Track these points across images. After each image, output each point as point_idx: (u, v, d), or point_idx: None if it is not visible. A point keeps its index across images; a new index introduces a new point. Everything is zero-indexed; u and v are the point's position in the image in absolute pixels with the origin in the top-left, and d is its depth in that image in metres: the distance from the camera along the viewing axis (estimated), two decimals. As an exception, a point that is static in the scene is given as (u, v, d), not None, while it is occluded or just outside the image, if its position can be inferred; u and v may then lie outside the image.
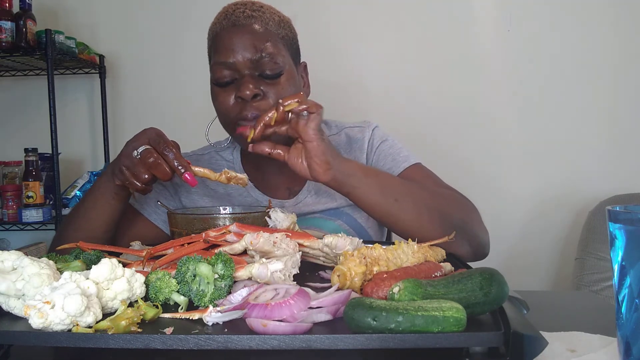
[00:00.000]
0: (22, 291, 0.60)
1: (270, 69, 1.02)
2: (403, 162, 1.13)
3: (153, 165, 0.88)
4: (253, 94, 1.00)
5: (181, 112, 2.44)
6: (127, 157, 0.90)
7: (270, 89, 1.02)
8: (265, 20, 1.05)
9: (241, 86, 1.00)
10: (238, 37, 1.02)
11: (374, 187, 0.94)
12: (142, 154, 0.89)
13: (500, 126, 2.35)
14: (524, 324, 0.53)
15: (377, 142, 1.18)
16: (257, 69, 1.02)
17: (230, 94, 1.03)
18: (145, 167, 0.89)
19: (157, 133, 0.92)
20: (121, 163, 0.91)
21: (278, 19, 1.07)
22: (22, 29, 2.11)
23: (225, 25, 1.04)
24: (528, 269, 2.33)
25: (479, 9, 2.34)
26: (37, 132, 2.44)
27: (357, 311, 0.52)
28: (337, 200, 1.14)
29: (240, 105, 1.02)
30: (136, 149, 0.90)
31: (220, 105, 1.04)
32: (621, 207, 0.53)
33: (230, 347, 0.52)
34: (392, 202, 0.95)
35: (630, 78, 2.29)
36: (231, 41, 1.02)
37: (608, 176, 2.29)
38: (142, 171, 0.89)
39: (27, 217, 2.20)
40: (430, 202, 0.97)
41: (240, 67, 1.01)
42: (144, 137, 0.91)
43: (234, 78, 1.03)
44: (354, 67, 2.37)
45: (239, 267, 0.67)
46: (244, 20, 1.03)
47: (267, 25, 1.04)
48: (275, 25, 1.06)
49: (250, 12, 1.04)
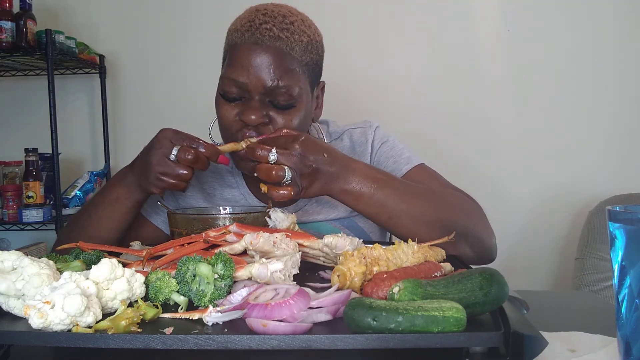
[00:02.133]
0: (22, 291, 0.60)
1: (284, 100, 0.96)
2: (405, 164, 1.11)
3: (193, 160, 0.89)
4: (257, 122, 0.95)
5: (181, 112, 2.44)
6: (162, 164, 0.90)
7: (278, 117, 0.97)
8: (292, 44, 0.96)
9: (247, 110, 0.96)
10: (258, 58, 0.94)
11: (367, 207, 0.91)
12: (179, 155, 0.89)
13: (500, 126, 2.35)
14: (524, 324, 0.53)
15: (378, 144, 1.15)
16: (269, 96, 0.96)
17: (234, 109, 0.98)
18: (186, 166, 0.90)
19: (175, 131, 0.92)
20: (156, 172, 0.90)
21: (306, 41, 0.99)
22: (22, 29, 2.11)
23: (247, 39, 0.96)
24: (528, 269, 2.33)
25: (479, 10, 2.34)
26: (37, 132, 2.44)
27: (357, 311, 0.52)
28: (338, 210, 1.12)
29: (242, 125, 0.98)
30: (166, 155, 0.90)
31: (222, 117, 1.00)
32: (621, 207, 0.53)
33: (230, 347, 0.52)
34: (386, 219, 0.92)
35: (630, 78, 2.29)
36: (249, 60, 0.95)
37: (608, 176, 2.29)
38: (185, 170, 0.90)
39: (27, 217, 2.20)
40: (430, 215, 0.92)
41: (252, 89, 0.95)
42: (166, 140, 0.91)
43: (242, 96, 0.98)
44: (354, 68, 2.37)
45: (239, 267, 0.67)
46: (268, 40, 0.95)
47: (293, 50, 0.96)
48: (302, 50, 0.98)
49: (277, 32, 0.95)
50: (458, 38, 2.34)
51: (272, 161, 0.85)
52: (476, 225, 0.98)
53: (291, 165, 0.84)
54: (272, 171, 0.84)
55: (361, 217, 1.11)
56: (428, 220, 0.92)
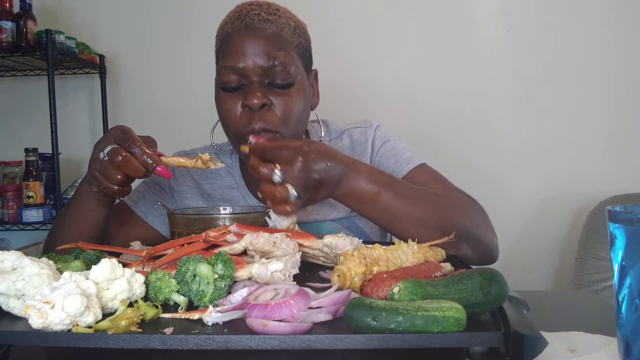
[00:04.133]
0: (22, 291, 0.60)
1: (282, 79, 0.97)
2: (406, 164, 1.10)
3: (122, 164, 0.84)
4: (261, 104, 0.95)
5: (182, 112, 2.44)
6: (96, 161, 0.87)
7: (279, 99, 0.98)
8: (281, 25, 1.00)
9: (249, 94, 0.96)
10: (251, 41, 0.97)
11: (369, 210, 0.89)
12: (110, 155, 0.84)
13: (500, 126, 2.35)
14: (524, 324, 0.53)
15: (378, 144, 1.15)
16: (268, 77, 0.97)
17: (237, 100, 0.98)
18: (116, 168, 0.84)
19: (122, 130, 0.86)
20: (92, 168, 0.87)
21: (294, 25, 1.03)
22: (22, 29, 2.12)
23: (238, 26, 0.99)
24: (528, 269, 2.33)
25: (479, 9, 2.34)
26: (37, 132, 2.45)
27: (357, 311, 0.52)
28: (338, 210, 1.11)
29: (247, 116, 0.97)
30: (102, 150, 0.86)
31: (226, 113, 1.00)
32: (621, 207, 0.53)
33: (230, 347, 0.52)
34: (387, 222, 0.90)
35: (630, 78, 2.29)
36: (243, 45, 0.97)
37: (608, 176, 2.29)
38: (114, 172, 0.85)
39: (28, 217, 2.21)
40: (432, 220, 0.91)
41: (250, 73, 0.97)
42: (110, 137, 0.86)
43: (241, 84, 0.98)
44: (354, 68, 2.37)
45: (239, 267, 0.67)
46: (258, 23, 0.98)
47: (282, 31, 0.99)
48: (291, 31, 1.01)
49: (265, 16, 0.99)
50: (458, 38, 2.34)
51: (276, 182, 0.81)
52: (478, 228, 0.97)
53: (296, 183, 0.81)
54: (277, 193, 0.81)
55: (361, 218, 1.11)
56: (430, 224, 0.90)
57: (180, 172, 1.20)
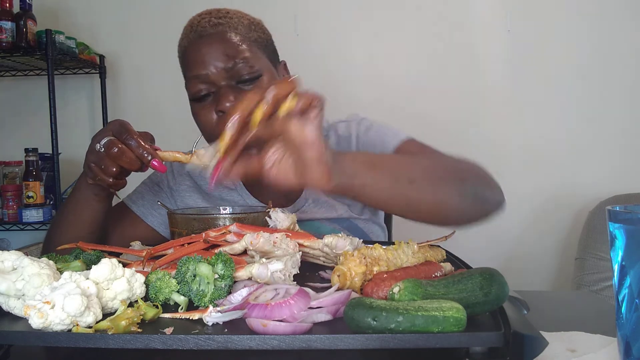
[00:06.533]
0: (22, 291, 0.60)
1: (248, 73, 0.97)
2: (392, 139, 1.06)
3: (117, 155, 0.83)
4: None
5: (181, 112, 2.41)
6: (92, 153, 0.86)
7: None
8: (234, 25, 1.00)
9: (220, 99, 0.95)
10: (207, 47, 0.97)
11: (383, 178, 0.79)
12: (105, 146, 0.84)
13: (500, 126, 2.35)
14: (524, 324, 0.53)
15: (363, 134, 1.12)
16: (234, 78, 0.97)
17: (210, 109, 0.98)
18: (111, 159, 0.84)
19: (121, 123, 0.86)
20: (88, 160, 0.87)
21: (248, 22, 1.02)
22: (22, 29, 2.12)
23: (192, 38, 1.00)
24: (528, 269, 2.33)
25: (479, 9, 2.34)
26: (37, 132, 2.44)
27: (357, 311, 0.52)
28: (337, 210, 1.11)
29: (224, 121, 0.96)
30: (99, 142, 0.85)
31: (204, 123, 1.00)
32: (621, 207, 0.53)
33: (230, 347, 0.52)
34: (407, 186, 0.80)
35: (630, 78, 2.29)
36: (201, 53, 0.97)
37: (608, 176, 2.29)
38: (109, 164, 0.84)
39: (28, 217, 2.21)
40: (442, 173, 0.87)
41: (215, 78, 0.97)
42: (107, 130, 0.86)
43: (210, 91, 0.98)
44: (353, 69, 2.37)
45: (239, 267, 0.67)
46: (210, 29, 0.99)
47: (237, 29, 0.99)
48: (245, 28, 1.01)
49: (216, 20, 0.99)
50: (458, 38, 2.34)
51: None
52: (483, 181, 0.96)
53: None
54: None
55: (361, 218, 1.10)
56: (443, 177, 0.87)
57: (179, 172, 1.20)
